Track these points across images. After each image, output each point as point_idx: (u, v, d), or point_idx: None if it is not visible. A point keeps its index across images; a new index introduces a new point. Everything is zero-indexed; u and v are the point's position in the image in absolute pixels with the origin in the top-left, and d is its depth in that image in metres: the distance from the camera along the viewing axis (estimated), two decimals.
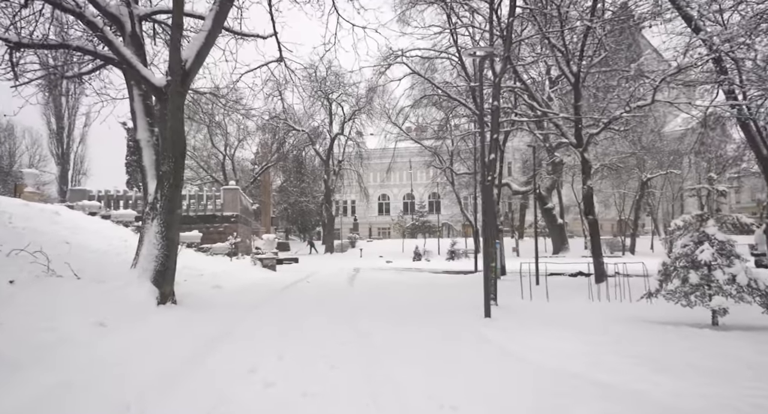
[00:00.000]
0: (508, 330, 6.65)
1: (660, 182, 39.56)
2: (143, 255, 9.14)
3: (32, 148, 55.37)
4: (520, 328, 6.83)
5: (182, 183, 9.57)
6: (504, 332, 6.48)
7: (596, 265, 14.43)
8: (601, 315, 7.93)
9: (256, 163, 55.39)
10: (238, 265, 19.99)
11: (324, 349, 5.68)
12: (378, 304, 10.27)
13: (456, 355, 5.39)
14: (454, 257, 33.72)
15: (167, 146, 9.20)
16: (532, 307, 8.83)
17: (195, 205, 24.96)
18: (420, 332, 6.67)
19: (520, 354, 5.32)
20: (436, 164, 42.68)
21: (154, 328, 6.73)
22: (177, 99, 9.23)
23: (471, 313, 8.26)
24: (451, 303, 10.16)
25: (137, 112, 9.77)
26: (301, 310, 9.24)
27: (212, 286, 13.43)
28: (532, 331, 6.53)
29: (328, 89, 45.80)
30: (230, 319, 7.86)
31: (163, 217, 9.20)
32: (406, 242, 47.80)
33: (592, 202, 14.71)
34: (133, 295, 8.47)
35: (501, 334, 6.38)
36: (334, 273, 21.66)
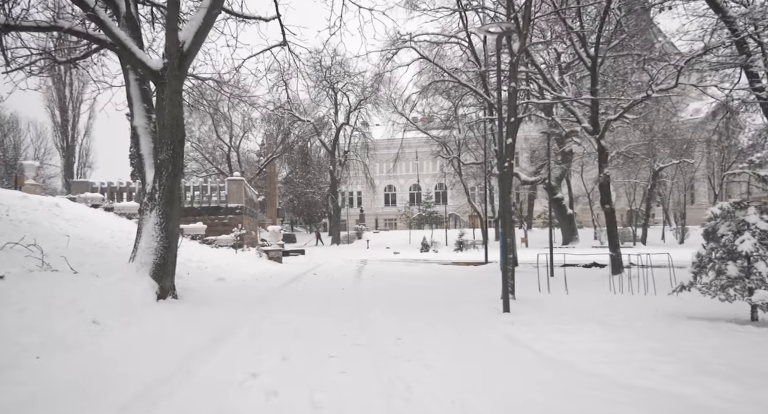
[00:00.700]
0: (531, 326, 6.15)
1: (671, 172, 38.83)
2: (141, 248, 8.70)
3: (37, 141, 55.10)
4: (544, 324, 6.32)
5: (182, 172, 9.10)
6: (527, 329, 5.98)
7: (613, 257, 13.91)
8: (627, 309, 7.42)
9: (262, 155, 54.95)
10: (243, 257, 19.59)
11: (332, 350, 5.21)
12: (388, 297, 9.81)
13: (479, 357, 4.89)
14: (462, 248, 33.20)
15: (165, 133, 8.72)
16: (551, 301, 8.33)
17: (199, 197, 24.51)
18: (437, 330, 6.19)
19: (551, 355, 4.81)
20: (444, 154, 42.13)
21: (150, 326, 6.27)
22: (174, 83, 8.74)
23: (488, 307, 7.78)
24: (465, 296, 9.67)
25: (133, 98, 9.29)
26: (307, 305, 8.79)
27: (216, 279, 13.02)
28: (557, 328, 6.02)
29: (334, 79, 45.16)
30: (232, 316, 7.41)
31: (162, 208, 8.74)
32: (413, 233, 47.35)
33: (608, 191, 14.15)
34: (130, 291, 8.02)
35: (525, 331, 5.88)
36: (341, 265, 21.24)
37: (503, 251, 7.62)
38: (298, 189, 57.65)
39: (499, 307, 7.57)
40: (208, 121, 48.17)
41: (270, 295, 10.26)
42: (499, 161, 7.82)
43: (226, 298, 9.53)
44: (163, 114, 8.73)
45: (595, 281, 11.83)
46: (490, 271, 16.57)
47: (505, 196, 7.73)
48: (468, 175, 44.88)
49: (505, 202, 7.74)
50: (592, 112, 13.75)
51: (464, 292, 10.40)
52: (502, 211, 7.74)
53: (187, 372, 4.27)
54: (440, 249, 34.68)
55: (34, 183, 20.82)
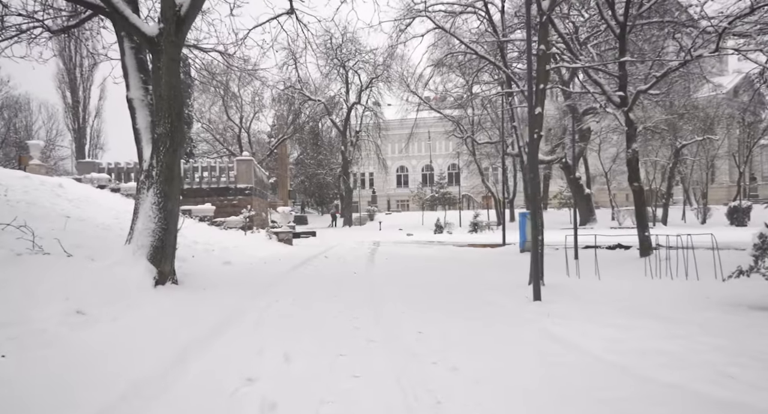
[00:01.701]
0: (570, 319, 5.40)
1: (693, 149, 37.60)
2: (138, 229, 8.08)
3: (49, 122, 54.89)
4: (585, 316, 5.56)
5: (182, 147, 8.42)
6: (567, 322, 5.24)
7: (642, 238, 13.13)
8: (673, 297, 6.65)
9: (273, 136, 54.33)
10: (252, 239, 19.02)
11: (343, 346, 4.54)
12: (403, 283, 9.14)
13: (516, 358, 4.14)
14: (477, 229, 32.40)
15: (162, 105, 8.03)
16: (583, 287, 7.61)
17: (208, 178, 23.93)
18: (460, 322, 5.49)
19: (606, 358, 3.97)
20: (457, 134, 41.20)
21: (142, 316, 5.65)
22: (171, 50, 8.01)
23: (515, 295, 7.07)
24: (487, 281, 8.97)
25: (129, 68, 8.59)
26: (316, 292, 8.14)
27: (222, 263, 12.44)
28: (603, 321, 5.26)
29: (345, 57, 44.17)
30: (236, 303, 6.78)
31: (160, 187, 8.10)
32: (425, 215, 46.62)
33: (637, 168, 13.30)
34: (125, 276, 7.42)
35: (564, 325, 5.14)
36: (353, 247, 20.61)
37: (533, 233, 6.89)
38: (309, 170, 57.05)
39: (527, 294, 6.86)
40: (218, 101, 47.60)
41: (278, 279, 9.63)
42: (530, 132, 7.05)
43: (231, 283, 8.92)
44: (160, 84, 8.04)
45: (623, 264, 11.07)
46: (509, 253, 15.85)
47: (533, 170, 6.97)
48: (482, 155, 43.99)
49: (534, 178, 6.98)
50: (620, 83, 12.83)
51: (485, 277, 9.70)
52: (531, 188, 6.99)
53: (171, 376, 3.62)
54: (454, 230, 33.95)
55: (39, 163, 20.34)
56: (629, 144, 13.21)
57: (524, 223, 15.65)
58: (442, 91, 39.83)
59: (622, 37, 12.55)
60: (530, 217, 7.07)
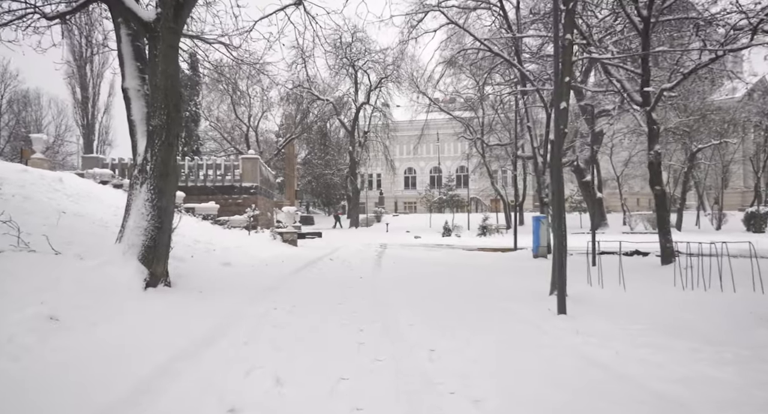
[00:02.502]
0: (604, 338, 4.77)
1: (708, 153, 36.78)
2: (129, 227, 7.54)
3: (58, 117, 54.93)
4: (617, 333, 4.95)
5: (178, 140, 7.89)
6: (600, 342, 4.61)
7: (663, 244, 12.50)
8: (711, 311, 6.03)
9: (280, 136, 53.92)
10: (256, 239, 18.49)
11: (345, 367, 3.94)
12: (412, 290, 8.55)
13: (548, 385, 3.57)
14: (486, 233, 31.77)
15: (158, 95, 7.50)
16: (609, 298, 7.00)
17: (213, 175, 23.48)
18: (478, 338, 4.88)
19: (655, 389, 3.41)
20: (467, 135, 40.62)
21: (125, 323, 5.10)
22: (169, 36, 7.49)
23: (536, 306, 6.47)
24: (503, 289, 8.37)
25: (125, 56, 8.06)
26: (319, 298, 7.58)
27: (222, 264, 11.90)
28: (642, 341, 4.64)
29: (354, 56, 43.68)
30: (230, 310, 6.23)
31: (155, 182, 7.57)
32: (433, 217, 46.02)
33: (659, 171, 12.67)
34: (113, 277, 6.89)
35: (597, 345, 4.52)
36: (359, 249, 20.03)
37: (557, 238, 6.29)
38: (316, 170, 56.58)
39: (550, 306, 6.25)
40: (227, 100, 47.29)
41: (279, 283, 9.08)
42: (555, 126, 6.44)
43: (229, 287, 8.38)
44: (156, 73, 7.51)
45: (646, 272, 10.44)
46: (521, 258, 15.23)
47: (557, 170, 6.38)
48: (492, 158, 43.37)
49: (558, 178, 6.38)
50: (642, 81, 12.21)
51: (500, 284, 9.10)
52: (555, 189, 6.40)
53: (140, 405, 3.06)
54: (462, 233, 33.30)
55: (42, 157, 19.93)
56: (651, 145, 12.57)
57: (538, 227, 15.04)
58: (453, 91, 39.28)
59: (645, 33, 11.93)
60: (552, 220, 6.47)
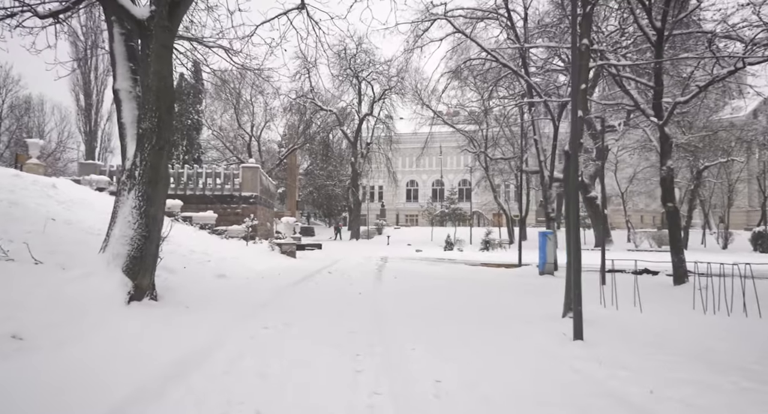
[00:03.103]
0: (631, 370, 4.25)
1: (714, 171, 36.36)
2: (115, 236, 7.09)
3: (61, 124, 54.77)
4: (646, 365, 4.39)
5: (169, 145, 7.46)
6: (629, 375, 4.10)
7: (676, 263, 12.00)
8: (744, 340, 5.53)
9: (283, 146, 53.69)
10: (253, 250, 18.03)
11: (338, 403, 3.47)
12: (415, 308, 8.07)
13: None
14: (489, 247, 31.22)
15: (149, 97, 7.09)
16: (627, 322, 6.51)
17: (212, 184, 23.08)
18: (490, 368, 4.38)
19: None
20: (471, 149, 40.31)
21: (97, 343, 4.63)
22: (163, 36, 7.10)
23: (550, 330, 5.97)
24: (511, 309, 7.87)
25: (117, 56, 7.67)
26: (314, 316, 7.09)
27: (216, 276, 11.43)
28: (673, 374, 4.15)
29: (358, 67, 43.52)
30: (217, 329, 5.75)
31: (143, 188, 7.12)
32: (435, 230, 45.53)
33: (672, 187, 12.19)
34: (94, 289, 6.43)
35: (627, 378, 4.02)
36: (359, 262, 19.55)
37: (572, 255, 5.81)
38: (318, 181, 56.25)
39: (564, 330, 5.76)
40: (230, 109, 47.16)
41: (273, 298, 8.60)
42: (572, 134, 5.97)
43: (220, 301, 7.91)
44: (148, 73, 7.11)
45: (659, 293, 9.93)
46: (527, 275, 14.71)
47: (573, 183, 5.90)
48: (495, 171, 42.99)
49: (574, 191, 5.90)
50: (655, 94, 11.81)
51: (507, 303, 8.61)
52: (570, 204, 5.94)
53: None
54: (465, 248, 32.79)
55: (38, 162, 19.54)
56: (664, 161, 12.13)
57: (545, 243, 14.56)
58: (457, 104, 39.03)
59: (659, 44, 11.54)
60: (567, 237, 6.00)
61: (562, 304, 7.16)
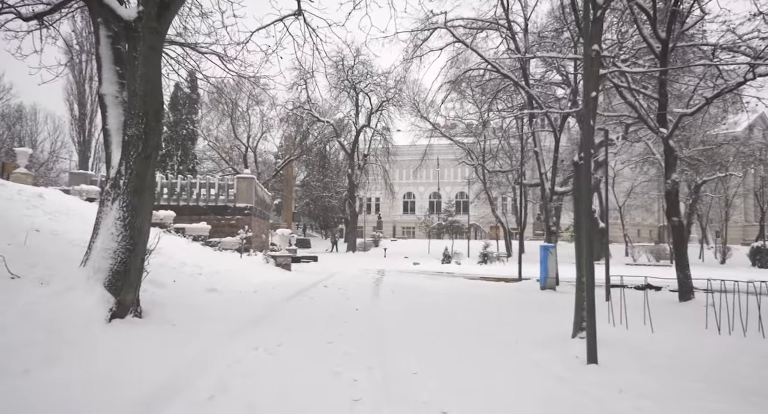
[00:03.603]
0: (657, 401, 3.88)
1: (711, 186, 36.15)
2: (97, 249, 6.68)
3: (54, 134, 54.42)
4: (672, 394, 4.01)
5: (157, 153, 7.09)
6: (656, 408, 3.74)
7: (681, 279, 11.67)
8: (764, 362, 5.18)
9: (279, 157, 53.43)
10: (247, 262, 17.58)
11: None
12: (415, 326, 7.66)
13: None
14: (487, 261, 30.83)
15: (136, 101, 6.73)
16: (639, 342, 6.11)
17: (206, 195, 22.68)
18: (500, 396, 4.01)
19: None
20: (468, 161, 40.10)
21: (67, 370, 4.21)
22: (151, 38, 6.75)
23: (560, 352, 5.57)
24: (516, 326, 7.47)
25: (103, 59, 7.31)
26: (309, 335, 6.68)
27: (207, 290, 11.00)
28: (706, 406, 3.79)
29: (356, 78, 43.37)
30: (201, 349, 5.34)
31: (128, 198, 6.73)
32: (432, 243, 45.14)
33: (677, 201, 11.88)
34: (73, 306, 6.02)
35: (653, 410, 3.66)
36: (356, 275, 19.12)
37: (587, 274, 5.43)
38: (314, 192, 55.92)
39: (576, 352, 5.37)
40: (226, 120, 46.94)
41: (265, 315, 8.18)
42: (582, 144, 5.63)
43: (209, 318, 7.49)
44: (135, 77, 6.75)
45: (665, 310, 9.57)
46: (528, 290, 14.34)
47: (585, 194, 5.53)
48: (492, 184, 42.77)
49: (586, 202, 5.53)
50: (659, 106, 11.53)
51: (511, 320, 8.20)
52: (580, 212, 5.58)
53: None
54: (463, 261, 32.38)
55: (25, 171, 19.11)
56: (669, 174, 11.82)
57: (546, 258, 14.21)
58: (455, 117, 38.86)
59: (663, 56, 11.29)
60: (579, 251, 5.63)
61: (571, 323, 6.77)
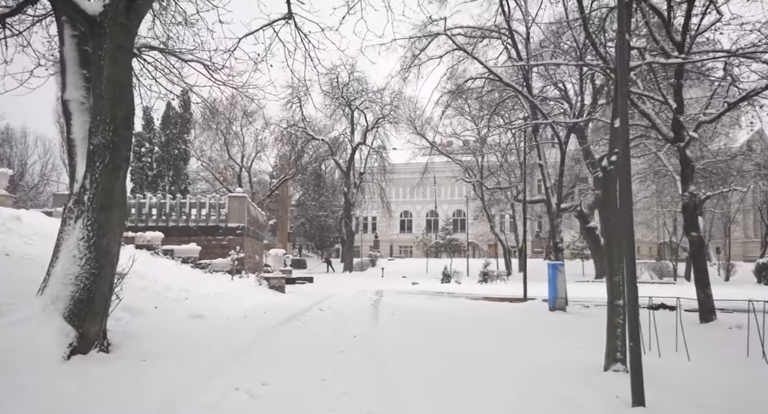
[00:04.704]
0: None
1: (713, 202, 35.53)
2: (56, 275, 5.85)
3: (45, 157, 53.72)
4: None
5: (128, 164, 6.31)
6: None
7: (702, 299, 10.85)
8: None
9: (274, 177, 52.77)
10: (239, 285, 16.70)
11: None
12: (420, 355, 6.81)
13: None
14: (488, 280, 29.93)
15: (102, 106, 5.95)
16: (679, 374, 5.29)
17: (196, 215, 21.84)
18: None
19: None
20: (467, 178, 39.51)
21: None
22: (119, 34, 6.00)
23: (594, 389, 4.73)
24: (535, 356, 6.61)
25: (68, 62, 6.55)
26: (300, 369, 5.83)
27: (192, 316, 10.13)
28: None
29: (351, 96, 42.90)
30: (170, 394, 4.47)
31: (93, 216, 5.93)
32: (430, 262, 44.20)
33: (695, 215, 11.14)
34: (24, 341, 5.17)
35: None
36: (353, 296, 18.24)
37: (628, 294, 4.65)
38: (310, 212, 55.12)
39: (612, 388, 4.54)
40: (219, 139, 46.37)
41: (253, 345, 7.31)
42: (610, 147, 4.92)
43: (188, 350, 6.62)
44: (101, 79, 5.99)
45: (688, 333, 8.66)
46: (535, 310, 13.50)
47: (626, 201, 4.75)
48: (492, 201, 42.12)
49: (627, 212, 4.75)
50: (674, 113, 10.83)
51: (529, 348, 7.35)
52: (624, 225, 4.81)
53: None
54: (462, 280, 31.48)
55: (6, 193, 18.29)
56: (685, 186, 11.09)
57: (555, 276, 13.40)
58: (452, 133, 38.37)
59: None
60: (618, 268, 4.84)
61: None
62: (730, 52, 10.72)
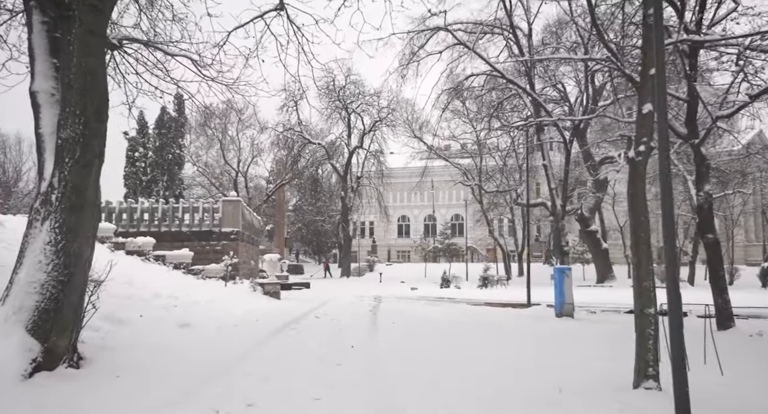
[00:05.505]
0: None
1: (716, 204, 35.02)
2: (20, 283, 5.25)
3: None
4: None
5: (101, 160, 5.73)
6: None
7: (720, 304, 10.28)
8: None
9: (271, 182, 52.24)
10: (232, 291, 16.09)
11: None
12: (424, 369, 6.22)
13: None
14: (488, 284, 29.31)
15: (72, 97, 5.38)
16: (721, 393, 4.75)
17: (189, 220, 21.27)
18: None
19: None
20: (465, 181, 39.00)
21: None
22: (89, 17, 5.44)
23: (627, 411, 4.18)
24: (551, 369, 6.02)
25: (36, 50, 5.98)
26: (291, 387, 5.24)
27: (179, 325, 9.52)
28: None
29: (347, 99, 42.39)
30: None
31: (62, 217, 5.34)
32: (428, 266, 43.61)
33: (711, 216, 10.64)
34: None
35: None
36: (351, 302, 17.63)
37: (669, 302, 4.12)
38: (307, 217, 54.51)
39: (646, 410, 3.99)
40: (215, 144, 45.86)
41: (241, 358, 6.72)
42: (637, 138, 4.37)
43: (169, 365, 6.02)
44: (69, 67, 5.42)
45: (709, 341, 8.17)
46: (541, 317, 12.92)
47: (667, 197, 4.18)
48: (490, 205, 41.59)
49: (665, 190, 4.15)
50: (688, 110, 10.31)
51: (541, 360, 6.76)
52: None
53: None
54: (462, 285, 30.89)
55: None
56: (700, 186, 10.55)
57: (562, 281, 12.83)
58: (450, 136, 37.88)
59: (693, 55, 10.11)
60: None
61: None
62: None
